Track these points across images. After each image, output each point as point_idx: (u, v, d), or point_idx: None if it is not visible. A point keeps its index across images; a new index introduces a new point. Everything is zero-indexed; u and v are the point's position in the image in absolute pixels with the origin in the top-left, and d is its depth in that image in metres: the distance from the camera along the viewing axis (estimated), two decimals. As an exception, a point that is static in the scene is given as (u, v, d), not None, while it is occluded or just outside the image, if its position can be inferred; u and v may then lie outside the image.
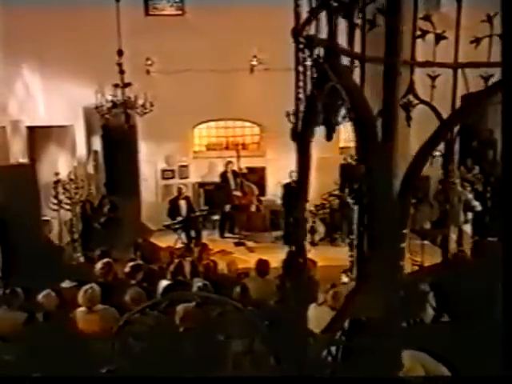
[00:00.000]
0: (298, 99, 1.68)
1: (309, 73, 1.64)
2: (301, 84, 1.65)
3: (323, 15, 1.47)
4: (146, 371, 3.15)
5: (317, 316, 3.92)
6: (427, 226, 8.49)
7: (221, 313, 2.95)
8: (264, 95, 10.01)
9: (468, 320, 2.44)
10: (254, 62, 10.49)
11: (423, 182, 8.17)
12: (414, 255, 6.40)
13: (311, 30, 1.58)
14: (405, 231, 1.46)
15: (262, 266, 5.90)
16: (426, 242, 7.14)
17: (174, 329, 4.02)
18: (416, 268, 5.84)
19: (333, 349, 1.81)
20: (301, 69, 1.67)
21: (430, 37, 2.83)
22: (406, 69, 2.64)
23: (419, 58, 2.78)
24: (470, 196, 7.75)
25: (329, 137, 1.49)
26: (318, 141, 2.15)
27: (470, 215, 7.94)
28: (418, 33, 2.65)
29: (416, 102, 2.44)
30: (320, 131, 1.98)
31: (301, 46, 1.61)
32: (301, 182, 1.77)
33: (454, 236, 5.57)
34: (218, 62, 9.95)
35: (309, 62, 1.79)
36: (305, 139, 1.69)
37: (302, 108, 1.92)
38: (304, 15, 1.91)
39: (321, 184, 8.31)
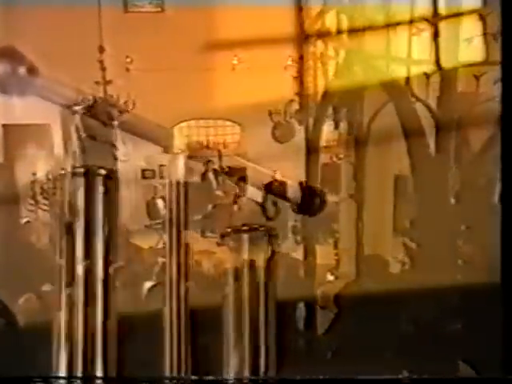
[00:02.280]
0: (307, 96, 1.62)
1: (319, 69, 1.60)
2: (310, 79, 1.61)
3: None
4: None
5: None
6: (407, 223, 8.66)
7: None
8: (245, 94, 10.01)
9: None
10: (235, 61, 10.47)
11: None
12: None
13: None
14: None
15: (249, 266, 5.92)
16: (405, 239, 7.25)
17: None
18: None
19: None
20: (311, 63, 1.62)
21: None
22: (403, 67, 2.64)
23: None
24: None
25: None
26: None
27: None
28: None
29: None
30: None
31: (313, 39, 1.57)
32: (310, 181, 1.73)
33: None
34: (198, 61, 9.91)
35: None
36: (315, 136, 1.65)
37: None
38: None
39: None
